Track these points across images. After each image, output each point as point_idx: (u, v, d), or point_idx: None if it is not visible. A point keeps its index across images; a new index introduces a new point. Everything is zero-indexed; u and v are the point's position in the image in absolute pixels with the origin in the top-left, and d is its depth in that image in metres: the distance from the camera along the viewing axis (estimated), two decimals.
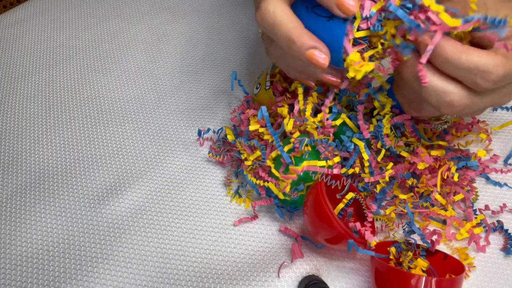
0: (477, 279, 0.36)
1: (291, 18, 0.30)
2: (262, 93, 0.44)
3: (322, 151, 0.37)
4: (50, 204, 0.45)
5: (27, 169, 0.49)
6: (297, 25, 0.30)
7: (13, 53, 0.63)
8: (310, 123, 0.38)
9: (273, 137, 0.37)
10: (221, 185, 0.45)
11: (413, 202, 0.39)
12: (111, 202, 0.45)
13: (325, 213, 0.33)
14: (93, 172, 0.48)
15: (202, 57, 0.58)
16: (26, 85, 0.58)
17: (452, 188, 0.39)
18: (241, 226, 0.42)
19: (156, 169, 0.47)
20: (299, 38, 0.30)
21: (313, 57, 0.30)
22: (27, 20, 0.68)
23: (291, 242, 0.40)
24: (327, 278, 0.37)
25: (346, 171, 0.39)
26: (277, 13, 0.30)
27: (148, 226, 0.43)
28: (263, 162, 0.39)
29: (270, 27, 0.31)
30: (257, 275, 0.38)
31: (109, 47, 0.62)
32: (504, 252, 0.37)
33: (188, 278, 0.39)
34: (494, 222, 0.39)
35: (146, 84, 0.56)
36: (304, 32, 0.30)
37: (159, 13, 0.66)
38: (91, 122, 0.53)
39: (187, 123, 0.51)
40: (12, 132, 0.53)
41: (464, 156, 0.40)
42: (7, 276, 0.41)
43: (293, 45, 0.30)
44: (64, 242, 0.42)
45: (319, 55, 0.30)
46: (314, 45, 0.30)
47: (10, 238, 0.43)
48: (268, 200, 0.40)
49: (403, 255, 0.36)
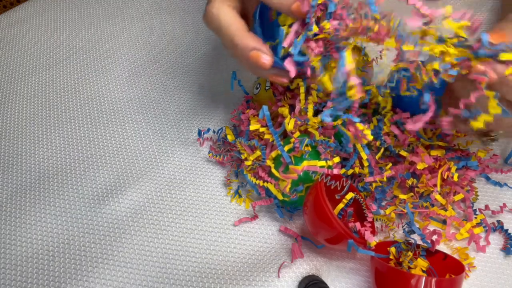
0: (477, 279, 0.36)
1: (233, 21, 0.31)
2: (262, 93, 0.44)
3: (322, 151, 0.37)
4: (50, 204, 0.45)
5: (27, 169, 0.49)
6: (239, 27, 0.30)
7: (13, 53, 0.63)
8: (311, 123, 0.38)
9: (274, 137, 0.37)
10: (221, 185, 0.45)
11: (413, 202, 0.39)
12: (111, 202, 0.45)
13: (325, 213, 0.33)
14: (93, 172, 0.48)
15: (202, 57, 0.58)
16: (26, 85, 0.58)
17: (452, 188, 0.39)
18: (241, 226, 0.42)
19: (156, 169, 0.47)
20: (242, 41, 0.30)
21: (256, 58, 0.30)
22: (27, 20, 0.68)
23: (291, 242, 0.40)
24: (327, 278, 0.37)
25: (346, 172, 0.39)
26: (221, 16, 0.31)
27: (148, 226, 0.43)
28: (263, 162, 0.39)
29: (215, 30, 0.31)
30: (257, 275, 0.38)
31: (109, 47, 0.62)
32: (504, 252, 0.37)
33: (188, 278, 0.39)
34: (494, 222, 0.39)
35: (146, 84, 0.56)
36: (246, 35, 0.30)
37: (159, 13, 0.66)
38: (91, 122, 0.53)
39: (187, 123, 0.51)
40: (12, 132, 0.53)
41: (464, 156, 0.40)
42: (7, 276, 0.41)
43: (236, 48, 0.31)
44: (64, 242, 0.42)
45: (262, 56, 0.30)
46: (256, 47, 0.30)
47: (10, 238, 0.43)
48: (268, 200, 0.40)
49: (403, 255, 0.36)
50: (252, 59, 0.30)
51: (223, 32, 0.31)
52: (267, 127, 0.40)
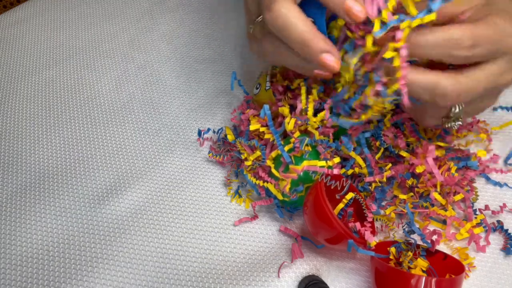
0: (477, 279, 0.36)
1: (304, 21, 0.30)
2: (262, 93, 0.44)
3: (322, 151, 0.37)
4: (50, 204, 0.45)
5: (27, 169, 0.49)
6: (311, 28, 0.30)
7: (13, 53, 0.63)
8: (311, 123, 0.38)
9: (274, 136, 0.37)
10: (221, 185, 0.45)
11: (413, 202, 0.39)
12: (111, 202, 0.45)
13: (325, 213, 0.33)
14: (93, 172, 0.48)
15: (202, 57, 0.58)
16: (26, 85, 0.58)
17: (452, 188, 0.39)
18: (241, 226, 0.42)
19: (156, 169, 0.47)
20: (313, 42, 0.30)
21: (326, 61, 0.30)
22: (27, 20, 0.68)
23: (291, 242, 0.40)
24: (327, 278, 0.37)
25: (345, 172, 0.39)
26: (290, 15, 0.30)
27: (148, 226, 0.43)
28: (263, 162, 0.39)
29: (282, 29, 0.31)
30: (257, 275, 0.38)
31: (109, 47, 0.62)
32: (504, 252, 0.37)
33: (188, 278, 0.39)
34: (494, 222, 0.39)
35: (146, 84, 0.56)
36: (318, 35, 0.30)
37: (159, 13, 0.66)
38: (91, 122, 0.53)
39: (187, 123, 0.51)
40: (12, 132, 0.53)
41: (464, 156, 0.40)
42: (7, 276, 0.41)
43: (307, 48, 0.30)
44: (64, 242, 0.42)
45: (331, 59, 0.30)
46: (327, 49, 0.30)
47: (10, 238, 0.43)
48: (268, 200, 0.40)
49: (403, 255, 0.36)
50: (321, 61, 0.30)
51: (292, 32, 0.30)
52: (267, 127, 0.40)
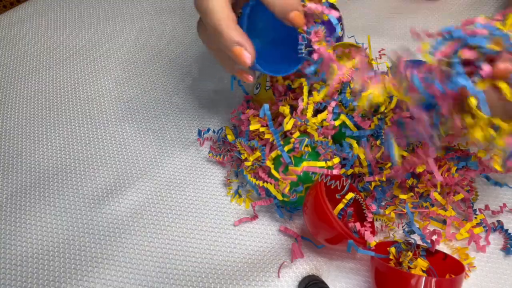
0: (477, 279, 0.36)
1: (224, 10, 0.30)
2: (262, 93, 0.44)
3: (322, 152, 0.37)
4: (50, 204, 0.45)
5: (27, 169, 0.49)
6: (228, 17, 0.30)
7: (13, 53, 0.63)
8: (311, 124, 0.38)
9: (274, 136, 0.37)
10: (221, 185, 0.45)
11: (413, 202, 0.39)
12: (111, 202, 0.45)
13: (325, 214, 0.33)
14: (93, 172, 0.48)
15: (202, 57, 0.58)
16: (26, 85, 0.58)
17: (452, 188, 0.39)
18: (241, 226, 0.42)
19: (156, 169, 0.47)
20: (227, 31, 0.30)
21: (239, 54, 0.31)
22: (27, 20, 0.68)
23: (291, 242, 0.40)
24: (327, 278, 0.37)
25: (345, 172, 0.39)
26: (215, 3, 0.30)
27: (148, 226, 0.43)
28: (263, 162, 0.39)
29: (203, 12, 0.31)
30: (257, 275, 0.38)
31: (109, 47, 0.62)
32: (504, 252, 0.37)
33: (188, 278, 0.39)
34: (494, 222, 0.39)
35: (146, 84, 0.56)
36: (234, 26, 0.30)
37: (159, 13, 0.66)
38: (91, 122, 0.53)
39: (187, 123, 0.51)
40: (12, 132, 0.53)
41: (464, 156, 0.40)
42: (7, 276, 0.41)
43: (220, 37, 0.31)
44: (64, 242, 0.42)
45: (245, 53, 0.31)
46: (240, 41, 0.30)
47: (10, 238, 0.43)
48: (268, 200, 0.40)
49: (403, 255, 0.36)
50: (234, 52, 0.31)
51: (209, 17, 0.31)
52: (267, 127, 0.40)
